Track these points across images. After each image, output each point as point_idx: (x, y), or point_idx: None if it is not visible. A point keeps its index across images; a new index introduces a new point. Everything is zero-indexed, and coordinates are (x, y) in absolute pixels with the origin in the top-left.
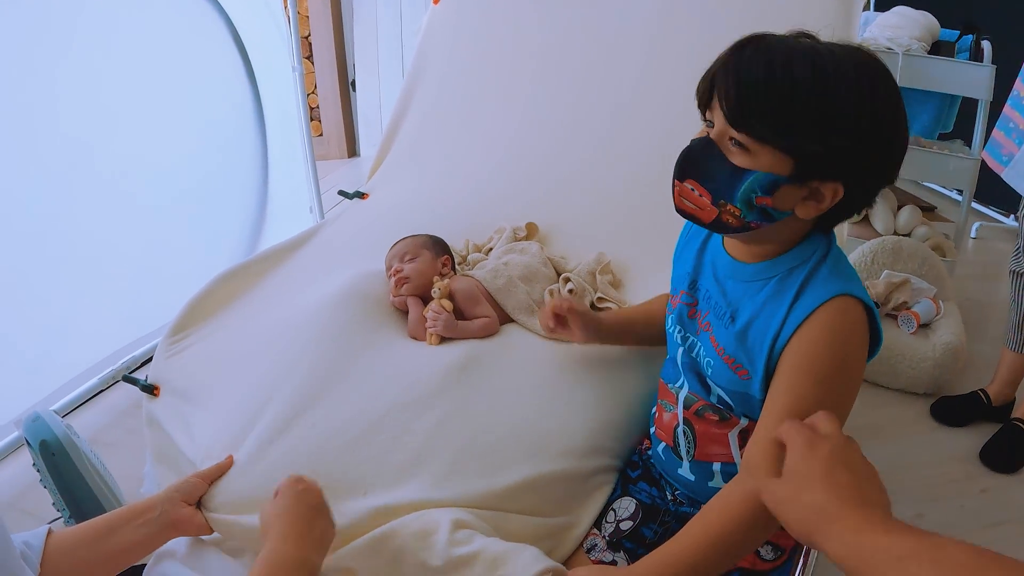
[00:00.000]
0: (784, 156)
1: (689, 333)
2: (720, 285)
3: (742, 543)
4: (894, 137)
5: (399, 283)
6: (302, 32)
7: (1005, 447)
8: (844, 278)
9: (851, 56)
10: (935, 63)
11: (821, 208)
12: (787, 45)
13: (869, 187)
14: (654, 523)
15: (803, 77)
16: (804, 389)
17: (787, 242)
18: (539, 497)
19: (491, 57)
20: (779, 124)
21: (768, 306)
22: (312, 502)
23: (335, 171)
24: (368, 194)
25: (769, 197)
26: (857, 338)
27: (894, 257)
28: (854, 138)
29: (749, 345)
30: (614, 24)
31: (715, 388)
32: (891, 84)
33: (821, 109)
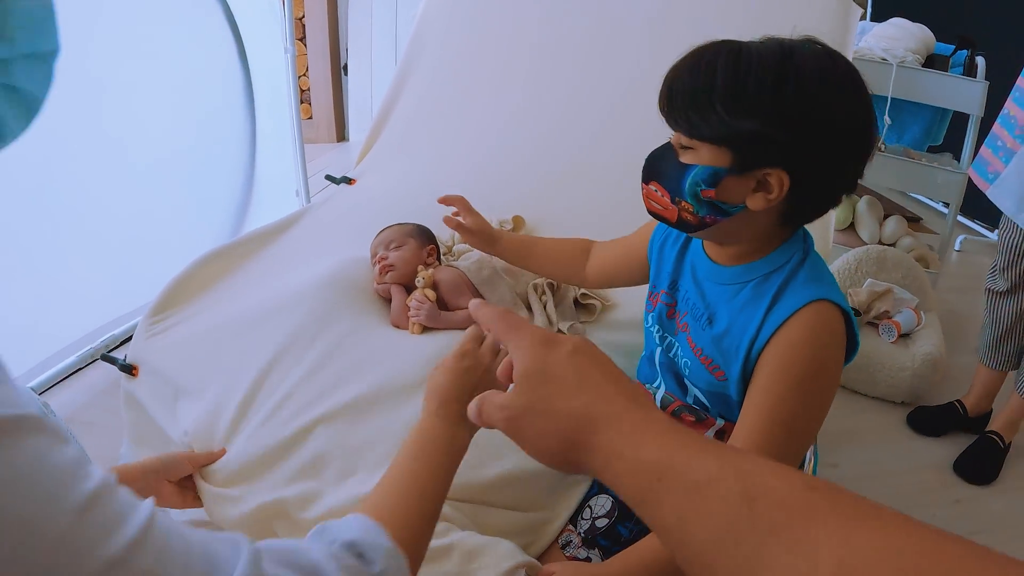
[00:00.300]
0: (721, 148)
1: (667, 333)
2: (699, 287)
3: None
4: (829, 125)
5: (383, 271)
6: (296, 13)
7: (979, 459)
8: (821, 283)
9: (788, 48)
10: (928, 76)
11: (771, 199)
12: (722, 47)
13: (820, 178)
14: (629, 521)
15: (721, 71)
16: (781, 391)
17: (758, 242)
18: (517, 491)
19: (485, 48)
20: (701, 118)
21: (746, 310)
22: (471, 382)
23: (323, 155)
24: (355, 180)
25: (713, 189)
26: (834, 342)
27: (878, 266)
28: (769, 121)
29: (726, 348)
30: (611, 19)
31: (692, 389)
32: (834, 77)
33: (733, 95)
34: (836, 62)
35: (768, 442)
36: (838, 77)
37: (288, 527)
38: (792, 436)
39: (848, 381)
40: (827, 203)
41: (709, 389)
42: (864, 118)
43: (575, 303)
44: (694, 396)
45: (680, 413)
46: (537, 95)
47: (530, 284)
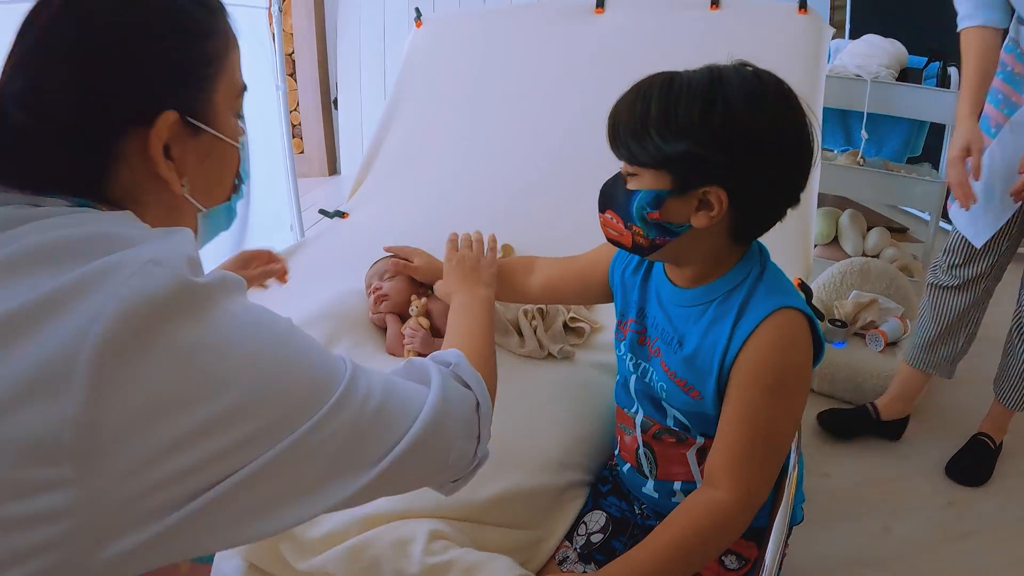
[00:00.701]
0: (660, 172)
1: (641, 360)
2: (665, 311)
3: (704, 549)
4: (759, 143)
5: (378, 300)
6: (285, 49)
7: (971, 461)
8: (781, 293)
9: (718, 73)
10: (903, 89)
11: (713, 216)
12: (656, 78)
13: (757, 194)
14: (623, 536)
15: (655, 100)
16: (754, 397)
17: (713, 261)
18: (514, 510)
19: (472, 80)
20: (640, 145)
21: (713, 328)
22: (471, 263)
23: (315, 189)
24: (348, 213)
25: (657, 211)
26: (800, 346)
27: (862, 278)
28: (700, 143)
29: (698, 367)
30: (590, 49)
31: (671, 411)
32: (762, 97)
33: (666, 121)
34: (764, 83)
35: (745, 450)
36: (766, 97)
37: (294, 547)
38: (768, 441)
39: (836, 391)
40: (771, 217)
41: (686, 409)
42: (796, 134)
43: (564, 326)
44: (673, 417)
45: (661, 435)
46: (525, 125)
47: (520, 310)
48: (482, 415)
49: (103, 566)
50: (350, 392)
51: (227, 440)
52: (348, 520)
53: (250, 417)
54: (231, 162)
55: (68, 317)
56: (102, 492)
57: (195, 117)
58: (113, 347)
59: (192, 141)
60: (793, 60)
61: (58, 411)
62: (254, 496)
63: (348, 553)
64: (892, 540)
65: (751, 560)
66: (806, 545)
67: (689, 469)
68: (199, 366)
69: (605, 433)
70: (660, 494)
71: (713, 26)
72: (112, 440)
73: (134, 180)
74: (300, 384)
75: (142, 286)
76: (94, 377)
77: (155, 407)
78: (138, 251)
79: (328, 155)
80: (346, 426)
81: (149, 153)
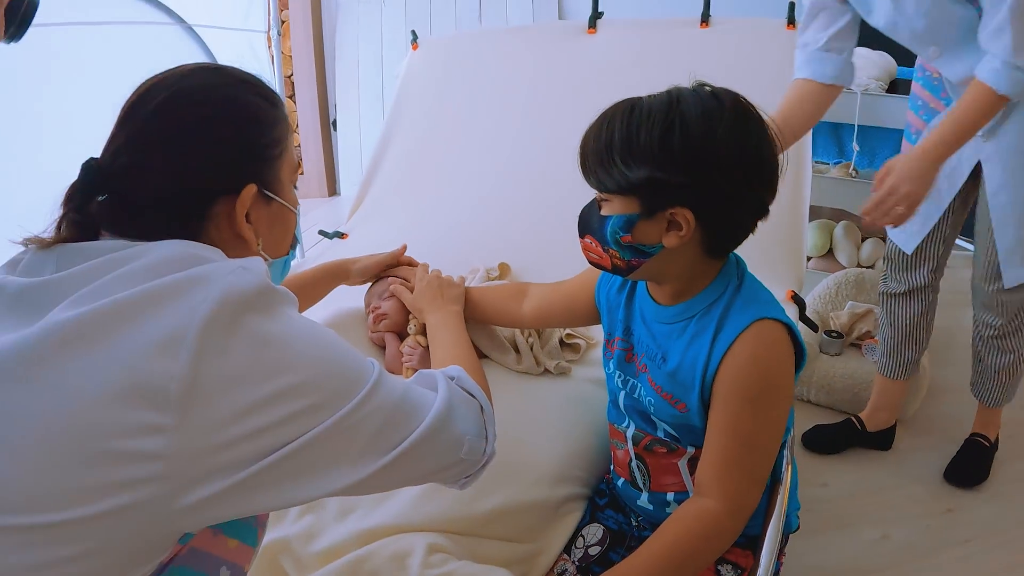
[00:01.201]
0: (628, 198)
1: (629, 376)
2: (649, 329)
3: (695, 557)
4: (718, 161)
5: (377, 319)
6: (284, 71)
7: (968, 463)
8: (758, 303)
9: (676, 96)
10: (893, 101)
11: (683, 236)
12: (620, 106)
13: (723, 211)
14: (621, 548)
15: (618, 128)
16: (737, 408)
17: (691, 277)
18: (512, 523)
19: (468, 101)
20: (606, 173)
21: (694, 343)
22: (435, 283)
23: (315, 210)
24: (347, 234)
25: (629, 235)
26: (780, 356)
27: (857, 288)
28: (661, 167)
29: (682, 381)
30: (584, 69)
31: (660, 424)
32: (719, 116)
33: (627, 148)
34: (722, 102)
35: (732, 460)
36: (723, 115)
37: (293, 562)
38: (753, 450)
39: (834, 402)
40: (740, 231)
41: (674, 422)
42: (754, 150)
43: (560, 342)
44: (663, 430)
45: (652, 447)
46: (520, 144)
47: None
48: (487, 418)
49: (179, 512)
50: (379, 384)
51: (288, 410)
52: (347, 535)
53: (306, 395)
54: (291, 226)
55: (184, 300)
56: (191, 442)
57: (268, 189)
58: (213, 325)
59: (265, 208)
60: (783, 75)
61: (171, 368)
62: (304, 463)
63: (347, 567)
64: (890, 548)
65: (747, 569)
66: (803, 554)
67: (681, 479)
68: (270, 351)
69: (602, 447)
70: (655, 505)
71: (703, 44)
72: (205, 397)
73: (220, 238)
74: (343, 373)
75: (236, 282)
76: (198, 346)
77: (237, 377)
78: (230, 261)
79: (328, 176)
80: (377, 411)
81: (234, 217)
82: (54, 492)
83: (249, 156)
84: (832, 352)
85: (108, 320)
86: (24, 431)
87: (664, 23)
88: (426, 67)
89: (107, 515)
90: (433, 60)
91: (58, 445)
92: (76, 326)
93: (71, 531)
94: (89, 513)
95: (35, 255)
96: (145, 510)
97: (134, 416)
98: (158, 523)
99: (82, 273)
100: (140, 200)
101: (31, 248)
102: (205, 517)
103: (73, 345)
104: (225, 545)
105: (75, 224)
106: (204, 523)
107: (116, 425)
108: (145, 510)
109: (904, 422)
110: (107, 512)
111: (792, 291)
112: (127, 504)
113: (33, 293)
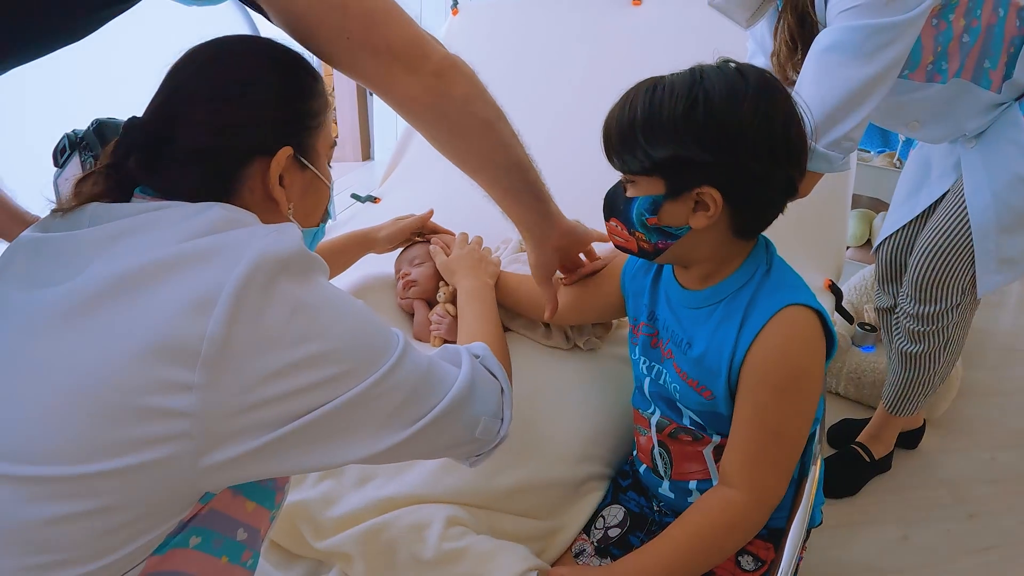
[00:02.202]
0: (653, 178)
1: (654, 362)
2: (675, 313)
3: (718, 547)
4: (744, 138)
5: (407, 286)
6: None
7: (843, 470)
8: (788, 288)
9: (699, 73)
10: None
11: (710, 216)
12: (642, 85)
13: (750, 190)
14: (641, 531)
15: (640, 106)
16: (764, 398)
17: (719, 259)
18: (532, 500)
19: (507, 69)
20: (630, 153)
21: (721, 329)
22: (476, 252)
23: (349, 173)
24: (380, 198)
25: (655, 216)
26: (810, 344)
27: None
28: (686, 145)
29: (708, 367)
30: (630, 41)
31: (685, 411)
32: (744, 92)
33: (650, 127)
34: (747, 78)
35: (759, 450)
36: (748, 92)
37: (311, 527)
38: (781, 441)
39: (863, 396)
40: (770, 210)
41: (700, 409)
42: (782, 126)
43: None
44: (689, 417)
45: (677, 434)
46: (559, 113)
47: None
48: (505, 399)
49: (202, 471)
50: (405, 356)
51: (316, 377)
52: (365, 502)
53: (334, 362)
54: (324, 199)
55: (220, 261)
56: (219, 402)
57: (304, 157)
58: (247, 287)
59: (299, 175)
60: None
61: (203, 326)
62: (327, 430)
63: (364, 535)
64: (910, 549)
65: (767, 562)
66: (823, 548)
67: (706, 466)
68: (302, 317)
69: (628, 427)
70: (676, 494)
71: None
72: (235, 358)
73: (253, 200)
74: (371, 344)
75: (272, 245)
76: (231, 307)
77: (268, 340)
78: (266, 226)
79: (362, 140)
80: (402, 383)
81: (267, 178)
82: (78, 444)
83: (288, 120)
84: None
85: (146, 277)
86: (57, 382)
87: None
88: (465, 33)
89: (130, 470)
90: (473, 26)
91: (88, 397)
92: (117, 281)
93: (92, 485)
94: (112, 467)
95: (67, 215)
96: (169, 467)
97: (165, 372)
98: (181, 481)
99: (119, 229)
100: (178, 154)
101: (60, 212)
102: (227, 477)
103: (114, 298)
104: (243, 507)
105: (110, 182)
106: (226, 483)
107: (147, 380)
108: (169, 467)
109: (932, 422)
110: (130, 467)
111: (829, 280)
112: (151, 460)
113: (71, 244)
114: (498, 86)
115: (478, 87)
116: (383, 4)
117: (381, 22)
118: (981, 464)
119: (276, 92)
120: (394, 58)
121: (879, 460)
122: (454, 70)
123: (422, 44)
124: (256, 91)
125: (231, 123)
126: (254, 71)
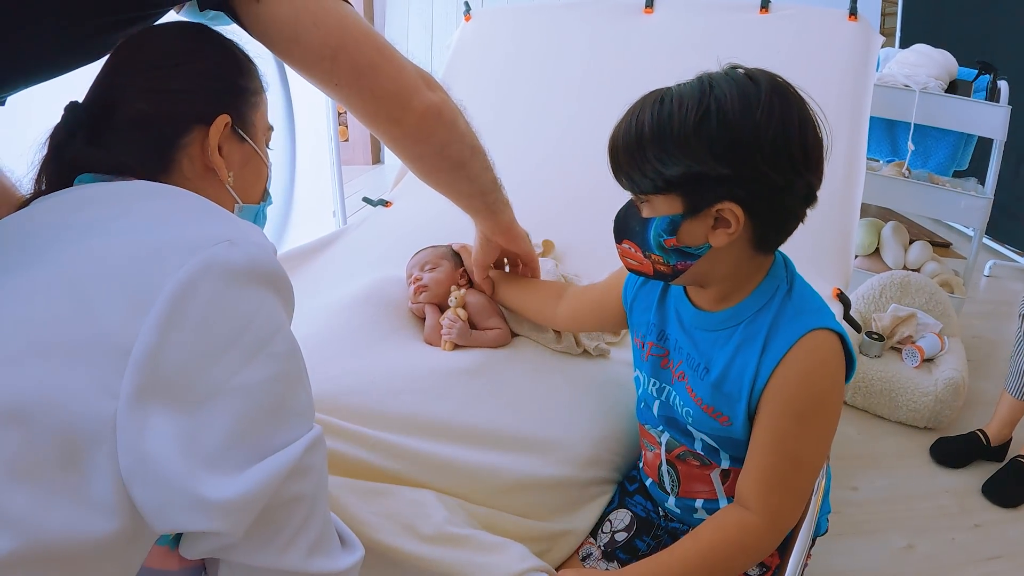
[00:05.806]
0: (669, 196)
1: (664, 383)
2: (689, 336)
3: (729, 566)
4: (760, 148)
5: (418, 291)
6: None
7: (1008, 483)
8: (810, 312)
9: (708, 82)
10: (951, 102)
11: (732, 233)
12: (648, 97)
13: (771, 201)
14: (647, 536)
15: (648, 122)
16: (785, 426)
17: (738, 278)
18: (535, 500)
19: (519, 74)
20: (641, 173)
21: (741, 352)
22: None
23: (359, 176)
24: (391, 202)
25: (674, 237)
26: (832, 371)
27: (902, 291)
28: (700, 160)
29: (727, 392)
30: (642, 49)
31: (698, 435)
32: (757, 99)
33: (661, 143)
34: (759, 83)
35: (777, 477)
36: (761, 98)
37: None
38: (799, 468)
39: (870, 405)
40: (791, 221)
41: (715, 434)
42: (797, 131)
43: None
44: (701, 441)
45: (686, 457)
46: (569, 119)
47: None
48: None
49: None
50: (317, 445)
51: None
52: (375, 464)
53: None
54: (262, 175)
55: (164, 262)
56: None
57: (242, 129)
58: (185, 292)
59: (237, 147)
60: (841, 68)
61: (136, 328)
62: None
63: (365, 492)
64: (914, 558)
65: (772, 568)
66: (827, 556)
67: (713, 488)
68: (245, 337)
69: (635, 433)
70: (682, 510)
71: (762, 30)
72: (162, 365)
73: (192, 170)
74: (300, 400)
75: (221, 254)
76: (166, 311)
77: (200, 352)
78: (219, 230)
79: (373, 144)
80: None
81: (207, 147)
82: None
83: (225, 90)
84: (872, 354)
85: (90, 269)
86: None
87: (723, 7)
88: (478, 39)
89: None
90: (485, 32)
91: None
92: (59, 280)
93: None
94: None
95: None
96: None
97: (96, 372)
98: None
99: (64, 221)
100: (120, 124)
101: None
102: None
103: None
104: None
105: (53, 172)
106: None
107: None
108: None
109: (937, 432)
110: None
111: (838, 289)
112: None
113: (19, 236)
114: (508, 93)
115: (456, 131)
116: (371, 59)
117: (368, 75)
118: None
119: (214, 63)
120: (379, 107)
121: None
122: (436, 120)
123: (408, 95)
124: (194, 60)
125: (169, 88)
126: (192, 44)
